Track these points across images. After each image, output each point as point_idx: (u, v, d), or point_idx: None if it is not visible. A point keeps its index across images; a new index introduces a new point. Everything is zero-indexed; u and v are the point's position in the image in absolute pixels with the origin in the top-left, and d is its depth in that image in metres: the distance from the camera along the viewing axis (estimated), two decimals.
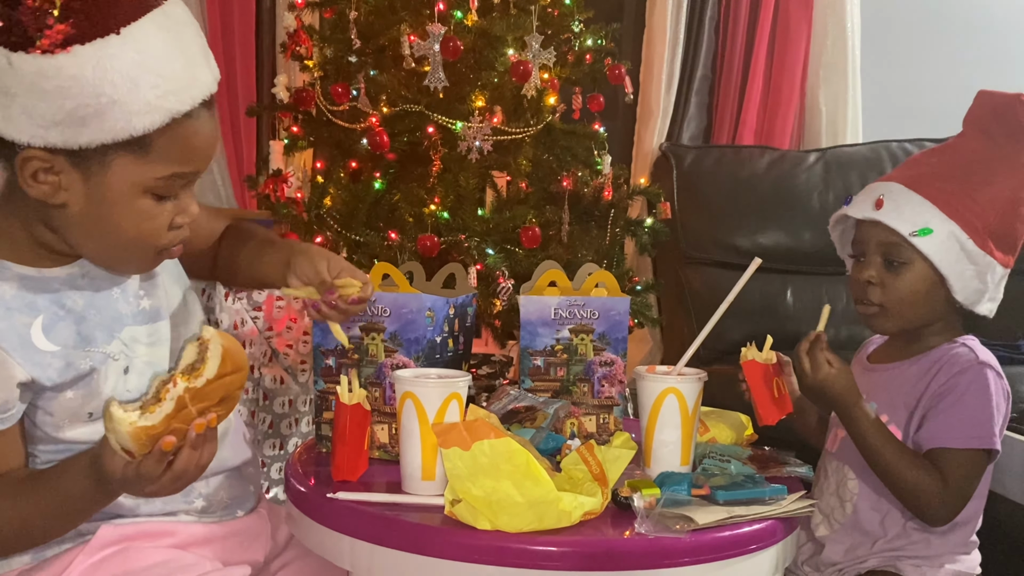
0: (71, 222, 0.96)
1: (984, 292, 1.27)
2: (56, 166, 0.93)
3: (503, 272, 1.91)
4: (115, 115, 0.90)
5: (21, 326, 0.96)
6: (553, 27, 2.08)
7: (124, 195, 0.95)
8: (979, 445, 1.21)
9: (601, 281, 1.37)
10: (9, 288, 0.97)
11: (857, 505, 1.28)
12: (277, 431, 2.12)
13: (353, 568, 1.06)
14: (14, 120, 0.90)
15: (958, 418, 1.22)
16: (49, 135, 0.90)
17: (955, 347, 1.27)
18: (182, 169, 0.97)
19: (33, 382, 0.97)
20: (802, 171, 2.93)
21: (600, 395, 1.31)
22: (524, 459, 1.02)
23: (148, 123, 0.92)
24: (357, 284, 1.11)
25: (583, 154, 2.16)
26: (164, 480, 0.91)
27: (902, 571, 1.25)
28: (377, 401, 1.23)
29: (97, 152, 0.92)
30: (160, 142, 0.94)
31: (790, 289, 2.76)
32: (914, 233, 1.23)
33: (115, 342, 1.03)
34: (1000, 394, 1.25)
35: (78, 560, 1.02)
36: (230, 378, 0.92)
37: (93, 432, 1.02)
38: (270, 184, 2.12)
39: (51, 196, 0.94)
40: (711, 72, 3.19)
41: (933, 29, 3.31)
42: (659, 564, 1.00)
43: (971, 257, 1.24)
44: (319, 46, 2.13)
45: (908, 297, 1.26)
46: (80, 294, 1.01)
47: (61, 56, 0.88)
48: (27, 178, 0.93)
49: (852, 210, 1.30)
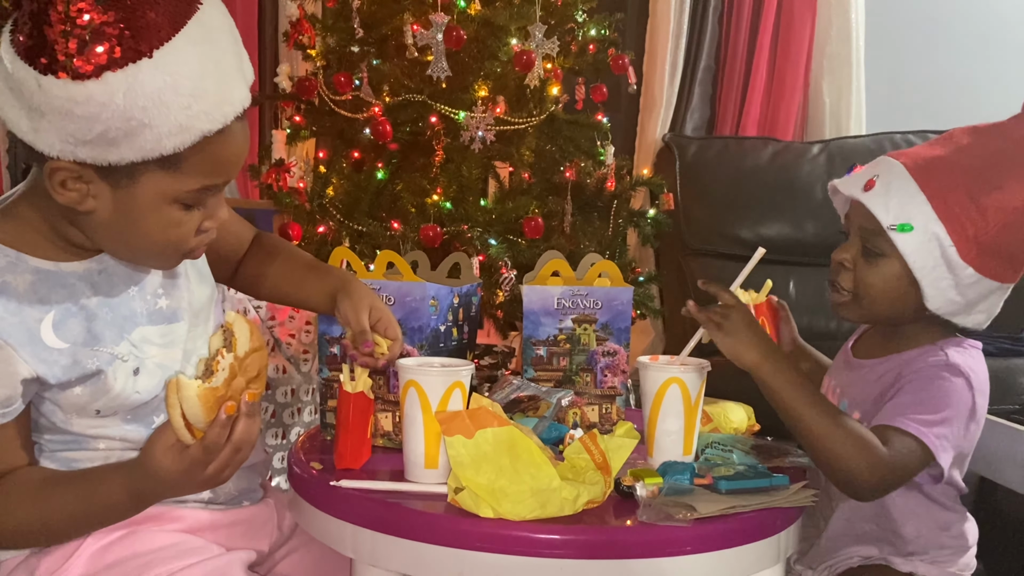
0: (97, 225, 0.96)
1: (964, 305, 1.16)
2: (85, 176, 0.92)
3: (506, 263, 1.90)
4: (145, 137, 0.89)
5: (31, 321, 0.96)
6: (556, 17, 2.07)
7: (152, 206, 0.94)
8: (928, 442, 1.10)
9: (604, 271, 1.37)
10: (23, 282, 0.96)
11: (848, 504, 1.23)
12: (280, 420, 2.12)
13: (356, 555, 1.06)
14: (43, 134, 0.89)
15: (913, 405, 1.13)
16: (78, 151, 0.89)
17: (930, 352, 1.18)
18: (212, 182, 0.96)
19: (38, 378, 0.96)
20: (805, 162, 2.93)
21: (603, 385, 1.31)
22: (527, 447, 1.02)
23: (178, 143, 0.90)
24: (386, 344, 1.14)
25: (586, 144, 2.15)
26: (224, 454, 0.92)
27: (893, 565, 1.23)
28: (381, 389, 1.23)
29: (126, 167, 0.91)
30: (191, 159, 0.93)
31: (793, 281, 2.76)
32: (893, 227, 1.14)
33: (124, 343, 1.02)
34: (962, 408, 1.14)
35: (87, 543, 1.03)
36: (259, 353, 0.94)
37: (101, 426, 1.03)
38: (272, 173, 2.11)
39: (79, 203, 0.93)
40: (714, 63, 3.18)
41: (937, 20, 3.30)
42: (661, 553, 1.00)
43: (951, 266, 1.14)
44: (322, 35, 2.13)
45: (878, 292, 1.18)
46: (94, 291, 1.01)
47: (91, 83, 0.86)
48: (55, 186, 0.92)
49: (843, 184, 1.23)
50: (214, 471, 0.93)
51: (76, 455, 1.03)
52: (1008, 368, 2.37)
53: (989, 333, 1.28)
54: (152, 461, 0.92)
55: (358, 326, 1.13)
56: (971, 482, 1.91)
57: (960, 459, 1.20)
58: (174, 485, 0.94)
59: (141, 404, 1.04)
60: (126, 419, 1.04)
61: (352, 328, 1.14)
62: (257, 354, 0.94)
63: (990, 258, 1.14)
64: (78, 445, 1.03)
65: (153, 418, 1.05)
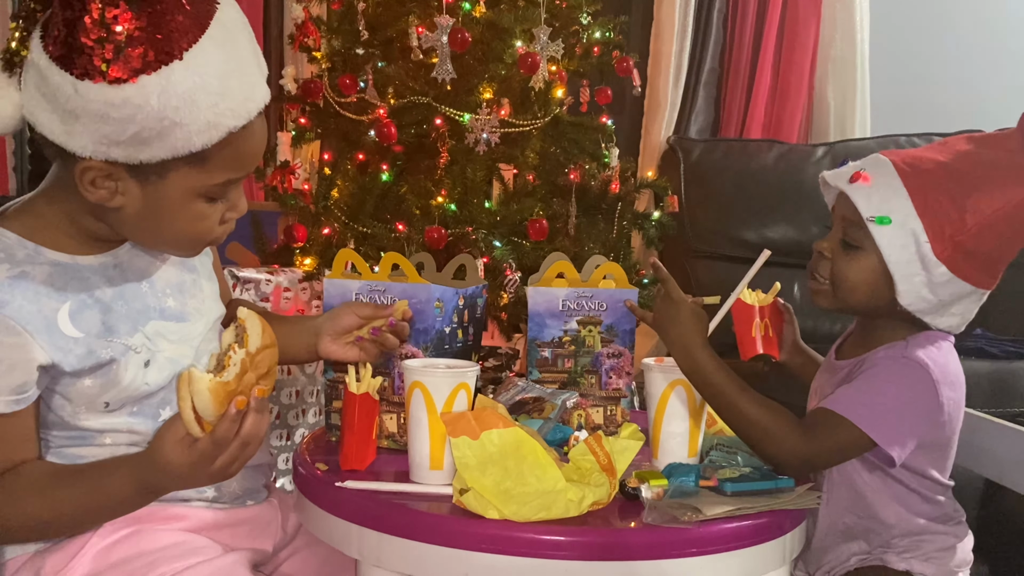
0: (125, 220, 1.00)
1: (936, 304, 1.18)
2: (115, 175, 0.95)
3: (510, 264, 1.91)
4: (176, 135, 0.92)
5: (49, 310, 0.98)
6: (561, 19, 2.07)
7: (180, 201, 0.99)
8: (862, 425, 1.12)
9: (609, 273, 1.37)
10: (41, 273, 0.99)
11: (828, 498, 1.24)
12: (284, 422, 2.12)
13: (361, 556, 1.06)
14: (76, 136, 0.92)
15: (856, 390, 1.16)
16: (111, 152, 0.93)
17: (892, 347, 1.19)
18: (236, 175, 1.01)
19: (53, 366, 0.98)
20: (810, 165, 2.92)
21: (607, 387, 1.31)
22: (532, 448, 1.02)
23: (207, 140, 0.94)
24: (400, 304, 1.20)
25: (590, 147, 2.15)
26: (233, 448, 0.93)
27: (888, 564, 1.23)
28: (386, 391, 1.23)
29: (156, 165, 0.95)
30: (217, 155, 0.96)
31: (797, 283, 2.75)
32: (872, 218, 1.15)
33: (138, 335, 1.04)
34: (916, 397, 1.14)
35: (92, 542, 1.03)
36: (270, 350, 0.95)
37: (109, 422, 1.03)
38: (277, 175, 2.12)
39: (108, 200, 0.97)
40: (719, 65, 3.18)
41: (942, 23, 3.30)
42: (666, 555, 1.00)
43: (925, 263, 1.15)
44: (327, 37, 2.13)
45: (852, 283, 1.19)
46: (109, 284, 1.04)
47: (127, 87, 0.89)
48: (86, 185, 0.96)
49: (831, 176, 1.24)
50: (222, 465, 0.94)
51: (82, 451, 1.04)
52: (1013, 371, 2.36)
53: (995, 336, 1.28)
54: (161, 454, 0.93)
55: (357, 321, 1.19)
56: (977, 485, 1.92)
57: (934, 451, 1.21)
58: (182, 478, 0.95)
59: (148, 396, 1.05)
60: (132, 412, 1.05)
61: (355, 326, 1.19)
62: (268, 351, 0.95)
63: (964, 259, 1.15)
64: (84, 441, 1.03)
65: (160, 411, 1.07)
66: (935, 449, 1.20)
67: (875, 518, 1.22)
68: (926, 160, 1.19)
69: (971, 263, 1.16)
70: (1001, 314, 1.29)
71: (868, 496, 1.22)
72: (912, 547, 1.23)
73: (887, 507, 1.22)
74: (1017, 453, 1.51)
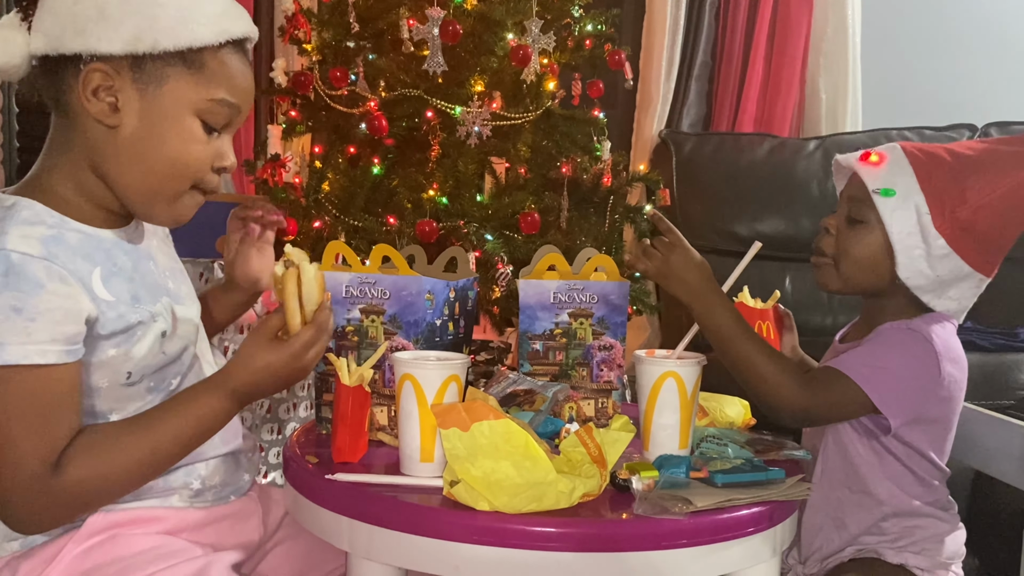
0: (119, 148, 1.01)
1: (934, 281, 1.22)
2: (116, 84, 0.99)
3: (502, 258, 1.90)
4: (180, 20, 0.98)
5: (84, 272, 1.00)
6: (553, 12, 2.07)
7: (175, 113, 1.01)
8: (862, 384, 1.16)
9: (600, 265, 1.36)
10: (73, 238, 1.01)
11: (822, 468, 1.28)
12: (275, 416, 2.12)
13: (352, 549, 1.06)
14: (84, 33, 0.97)
15: (860, 354, 1.20)
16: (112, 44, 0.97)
17: (897, 322, 1.23)
18: (229, 97, 1.03)
19: (96, 321, 0.99)
20: (802, 159, 2.93)
21: (599, 379, 1.31)
22: (523, 440, 1.02)
23: (206, 35, 1.00)
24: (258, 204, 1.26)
25: (582, 140, 2.15)
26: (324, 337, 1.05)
27: (883, 556, 1.24)
28: (376, 383, 1.23)
29: (156, 65, 0.99)
30: (212, 63, 1.01)
31: (788, 276, 2.76)
32: (877, 190, 1.22)
33: (159, 304, 1.07)
34: (919, 366, 1.18)
35: (67, 548, 1.02)
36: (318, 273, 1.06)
37: (125, 397, 1.04)
38: (268, 169, 2.11)
39: (108, 116, 1.00)
40: (711, 59, 3.18)
41: (934, 16, 3.31)
42: (657, 546, 1.00)
43: (924, 235, 1.20)
44: (317, 30, 2.12)
45: (856, 258, 1.25)
46: (128, 257, 1.07)
47: None
48: (88, 94, 0.99)
49: (843, 157, 1.30)
50: (313, 355, 1.04)
51: None
52: (1004, 363, 2.38)
53: (985, 328, 1.30)
54: (256, 359, 1.02)
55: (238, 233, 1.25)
56: (967, 476, 1.92)
57: (933, 430, 1.23)
58: (280, 377, 1.04)
59: (163, 368, 1.07)
60: (150, 387, 1.07)
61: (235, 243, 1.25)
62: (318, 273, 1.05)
63: (963, 235, 1.20)
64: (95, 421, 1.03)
65: (171, 381, 1.09)
66: (934, 427, 1.23)
67: (867, 492, 1.24)
68: (938, 148, 1.26)
69: (968, 240, 1.20)
70: (990, 307, 1.30)
71: (862, 469, 1.25)
72: (905, 534, 1.24)
73: (880, 483, 1.24)
74: (1007, 444, 1.52)
